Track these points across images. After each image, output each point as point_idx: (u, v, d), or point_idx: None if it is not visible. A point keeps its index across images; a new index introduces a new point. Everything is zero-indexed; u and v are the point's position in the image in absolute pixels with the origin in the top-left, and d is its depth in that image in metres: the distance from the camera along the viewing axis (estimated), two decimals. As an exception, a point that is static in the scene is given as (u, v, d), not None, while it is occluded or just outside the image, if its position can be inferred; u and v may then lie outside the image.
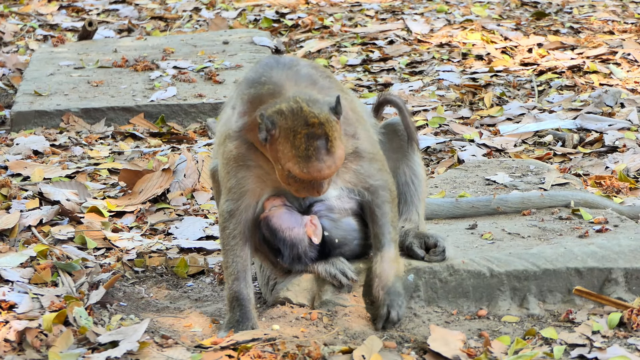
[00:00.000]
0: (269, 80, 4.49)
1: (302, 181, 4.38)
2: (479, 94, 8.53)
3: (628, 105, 7.91)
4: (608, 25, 10.32)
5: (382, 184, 4.65)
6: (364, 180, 4.63)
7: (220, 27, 11.02)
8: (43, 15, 11.76)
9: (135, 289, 5.28)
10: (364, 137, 4.62)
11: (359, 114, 4.69)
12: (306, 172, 4.32)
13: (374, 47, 9.94)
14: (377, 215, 4.65)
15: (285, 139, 4.33)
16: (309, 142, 4.30)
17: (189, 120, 8.25)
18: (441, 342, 4.46)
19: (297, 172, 4.33)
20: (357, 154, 4.59)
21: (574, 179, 6.03)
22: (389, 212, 4.65)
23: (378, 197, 4.65)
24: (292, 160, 4.33)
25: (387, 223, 4.65)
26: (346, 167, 4.59)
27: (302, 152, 4.30)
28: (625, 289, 4.77)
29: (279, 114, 4.34)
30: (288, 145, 4.33)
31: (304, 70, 4.54)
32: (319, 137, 4.31)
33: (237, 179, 4.58)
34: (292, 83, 4.47)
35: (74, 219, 6.10)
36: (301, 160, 4.31)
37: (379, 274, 4.62)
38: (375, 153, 4.65)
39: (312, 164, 4.31)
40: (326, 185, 4.42)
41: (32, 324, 4.44)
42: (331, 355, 4.40)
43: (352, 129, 4.57)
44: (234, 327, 4.55)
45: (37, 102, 8.37)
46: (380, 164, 4.66)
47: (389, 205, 4.66)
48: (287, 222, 4.60)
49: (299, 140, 4.31)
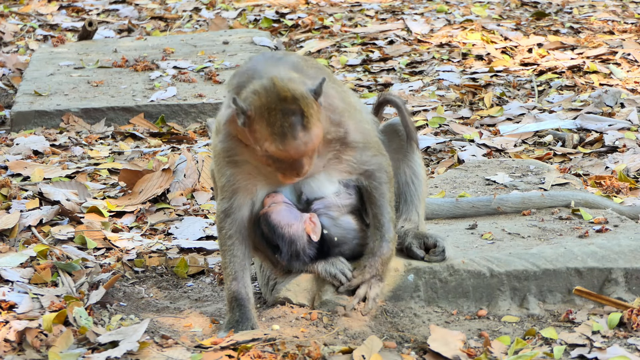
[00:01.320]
0: (252, 69, 4.46)
1: (281, 161, 4.34)
2: (479, 94, 8.53)
3: (628, 105, 7.91)
4: (608, 25, 10.32)
5: (377, 167, 4.64)
6: (358, 167, 4.63)
7: (220, 27, 11.02)
8: (43, 15, 11.76)
9: (135, 289, 5.28)
10: (354, 127, 4.58)
11: (350, 104, 4.64)
12: (282, 149, 4.28)
13: (374, 47, 9.95)
14: (375, 196, 4.65)
15: (260, 117, 4.29)
16: (283, 119, 4.25)
17: (189, 120, 8.25)
18: (441, 342, 4.45)
19: (274, 150, 4.29)
20: (346, 145, 4.57)
21: (574, 179, 6.03)
22: (386, 192, 4.65)
23: (375, 179, 4.65)
24: (268, 139, 4.29)
25: (386, 203, 4.64)
26: (338, 158, 4.58)
27: (278, 129, 4.26)
28: (625, 289, 4.77)
29: (253, 94, 4.31)
30: (264, 123, 4.28)
31: (290, 59, 4.52)
32: (293, 113, 4.26)
33: (227, 177, 4.57)
34: (274, 69, 4.40)
35: (74, 219, 6.10)
36: (277, 138, 4.27)
37: (376, 250, 4.63)
38: (367, 141, 4.63)
39: (288, 141, 4.27)
40: (306, 165, 4.38)
41: (32, 324, 4.44)
42: (331, 355, 4.40)
43: (338, 117, 4.52)
44: (233, 327, 4.54)
45: (37, 102, 8.37)
46: (375, 150, 4.65)
47: (386, 185, 4.66)
48: (286, 219, 4.60)
49: (274, 117, 4.26)
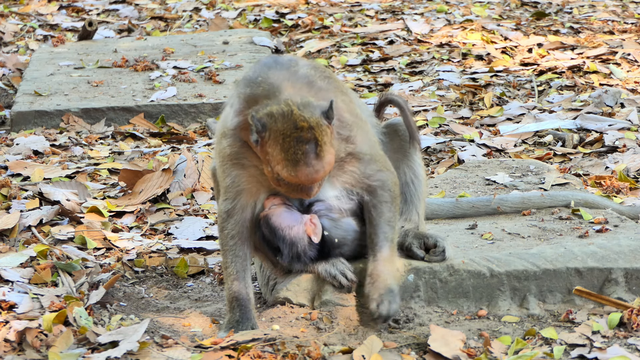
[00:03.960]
0: (265, 81, 4.47)
1: (291, 184, 4.38)
2: (479, 94, 8.53)
3: (628, 105, 7.91)
4: (608, 25, 10.32)
5: (380, 184, 4.63)
6: (362, 181, 4.62)
7: (220, 27, 11.02)
8: (43, 15, 11.76)
9: (135, 289, 5.28)
10: (361, 140, 4.59)
11: (357, 115, 4.65)
12: (294, 175, 4.32)
13: (374, 47, 9.95)
14: (373, 215, 4.64)
15: (274, 141, 4.32)
16: (297, 146, 4.29)
17: (189, 120, 8.25)
18: (441, 342, 4.45)
19: (285, 175, 4.33)
20: (353, 156, 4.57)
21: (574, 179, 6.03)
22: (385, 212, 4.64)
23: (376, 197, 4.64)
24: (280, 163, 4.32)
25: (383, 223, 4.62)
26: (343, 169, 4.58)
27: (291, 155, 4.29)
28: (625, 289, 4.77)
29: (269, 117, 4.33)
30: (277, 148, 4.32)
31: (301, 71, 4.52)
32: (308, 142, 4.29)
33: (232, 178, 4.58)
34: (287, 84, 4.44)
35: (74, 219, 6.10)
36: (289, 164, 4.30)
37: (371, 272, 4.60)
38: (374, 154, 4.63)
39: (300, 168, 4.31)
40: (316, 188, 4.42)
41: (32, 324, 4.44)
42: (331, 355, 4.40)
43: (347, 132, 4.54)
44: (234, 327, 4.54)
45: (37, 102, 8.37)
46: (380, 164, 4.64)
47: (387, 205, 4.64)
48: (286, 221, 4.60)
49: (288, 143, 4.29)
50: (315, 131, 4.30)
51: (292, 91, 4.41)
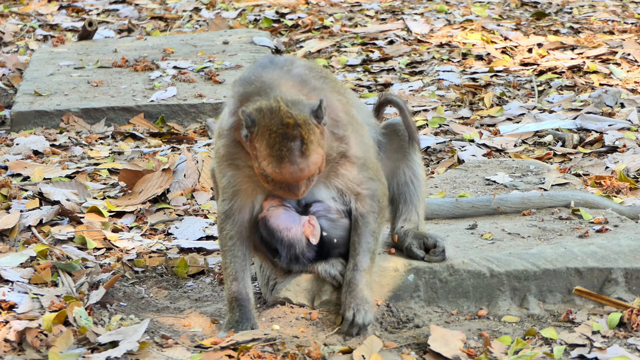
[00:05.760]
0: (258, 79, 4.47)
1: (277, 182, 4.37)
2: (479, 94, 8.53)
3: (628, 105, 7.91)
4: (608, 25, 10.32)
5: (370, 193, 4.62)
6: (352, 187, 4.60)
7: (220, 27, 11.02)
8: (43, 15, 11.76)
9: (135, 289, 5.28)
10: (355, 142, 4.57)
11: (353, 117, 4.63)
12: (278, 172, 4.31)
13: (374, 47, 9.95)
14: (359, 224, 4.62)
15: (261, 136, 4.31)
16: (282, 143, 4.27)
17: (189, 120, 8.25)
18: (441, 342, 4.45)
19: (270, 171, 4.32)
20: (346, 158, 4.55)
21: (574, 179, 6.03)
22: (372, 222, 4.62)
23: (364, 205, 4.62)
24: (266, 159, 4.31)
25: (368, 233, 4.61)
26: (335, 171, 4.56)
27: (276, 152, 4.28)
28: (625, 289, 4.77)
29: (258, 112, 4.32)
30: (264, 143, 4.30)
31: (295, 70, 4.51)
32: (293, 139, 4.28)
33: (227, 178, 4.58)
34: (280, 82, 4.43)
35: (74, 219, 6.10)
36: (274, 160, 4.29)
37: (349, 281, 4.59)
38: (367, 159, 4.61)
39: (284, 165, 4.29)
40: (303, 187, 4.39)
41: (32, 324, 4.44)
42: (331, 355, 4.40)
43: (341, 131, 4.52)
44: (233, 327, 4.54)
45: (37, 102, 8.37)
46: (372, 173, 4.62)
47: (373, 215, 4.62)
48: (284, 222, 4.60)
49: (274, 139, 4.28)
50: (302, 129, 4.28)
51: (284, 89, 4.41)
